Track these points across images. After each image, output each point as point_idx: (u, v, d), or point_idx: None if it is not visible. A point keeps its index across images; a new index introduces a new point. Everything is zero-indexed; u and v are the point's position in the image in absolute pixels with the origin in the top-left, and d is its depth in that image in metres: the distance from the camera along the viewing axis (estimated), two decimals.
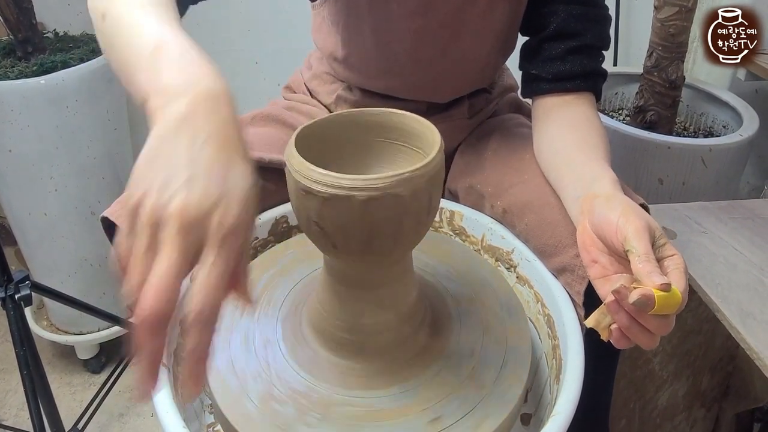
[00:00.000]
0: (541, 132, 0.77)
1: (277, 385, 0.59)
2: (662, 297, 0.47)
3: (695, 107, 1.43)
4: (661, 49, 1.27)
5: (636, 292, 0.46)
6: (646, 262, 0.49)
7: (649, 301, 0.46)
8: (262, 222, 0.79)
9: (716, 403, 1.10)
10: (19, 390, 1.36)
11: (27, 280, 1.03)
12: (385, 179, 0.51)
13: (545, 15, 0.77)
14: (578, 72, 0.76)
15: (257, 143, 0.81)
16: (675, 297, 0.48)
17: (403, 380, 0.59)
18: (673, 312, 0.49)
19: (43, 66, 1.21)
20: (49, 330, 1.48)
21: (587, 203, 0.59)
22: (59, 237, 1.34)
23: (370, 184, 0.50)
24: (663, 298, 0.47)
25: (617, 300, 0.48)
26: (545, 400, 0.68)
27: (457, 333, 0.65)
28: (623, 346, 0.51)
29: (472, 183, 0.82)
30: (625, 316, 0.49)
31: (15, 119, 1.18)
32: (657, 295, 0.46)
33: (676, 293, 0.48)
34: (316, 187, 0.51)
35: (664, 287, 0.47)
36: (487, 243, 0.80)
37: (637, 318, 0.49)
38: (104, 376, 1.47)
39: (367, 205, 0.51)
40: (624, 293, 0.47)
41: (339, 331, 0.61)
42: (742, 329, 0.65)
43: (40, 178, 1.26)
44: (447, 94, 0.87)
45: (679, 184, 1.23)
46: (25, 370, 1.00)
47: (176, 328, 0.67)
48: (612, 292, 0.48)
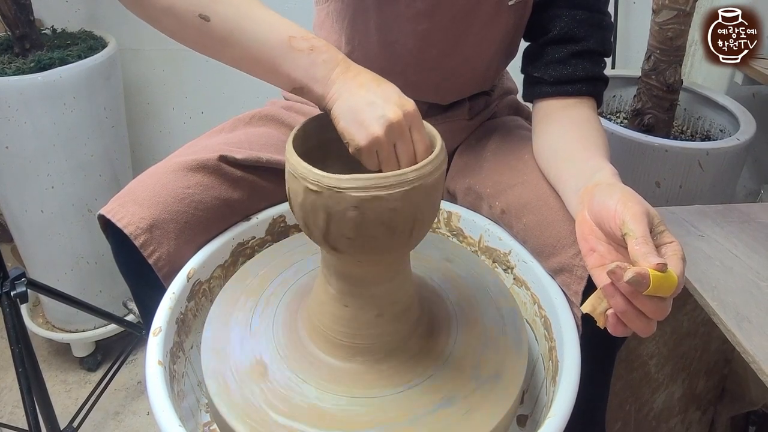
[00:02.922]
0: (541, 133, 0.77)
1: (273, 385, 0.59)
2: (658, 277, 0.46)
3: (693, 111, 1.44)
4: (659, 53, 1.27)
5: (631, 270, 0.46)
6: (643, 244, 0.49)
7: (643, 280, 0.46)
8: (260, 221, 0.79)
9: (711, 406, 1.10)
10: (14, 387, 1.36)
11: (23, 277, 1.02)
12: (386, 179, 0.51)
13: (549, 19, 0.78)
14: (580, 76, 0.76)
15: (255, 143, 0.81)
16: (671, 278, 0.47)
17: (400, 382, 0.59)
18: (668, 295, 0.48)
19: (41, 63, 1.21)
20: (45, 327, 1.48)
21: (587, 193, 0.59)
22: (56, 234, 1.34)
23: (370, 184, 0.51)
24: (658, 279, 0.46)
25: (613, 281, 0.48)
26: (541, 402, 0.68)
27: (453, 334, 0.65)
28: (620, 333, 0.51)
29: (471, 183, 0.82)
30: (621, 299, 0.49)
31: (12, 116, 1.18)
32: (652, 274, 0.46)
33: (672, 275, 0.47)
34: (314, 187, 0.51)
35: (659, 267, 0.47)
36: (484, 244, 0.80)
37: (632, 300, 0.48)
38: (100, 374, 1.47)
39: (368, 205, 0.51)
40: (619, 273, 0.47)
41: (335, 331, 0.61)
42: (737, 332, 0.65)
43: (36, 175, 1.26)
44: (449, 96, 0.87)
45: (676, 188, 1.23)
46: (21, 368, 1.00)
47: (173, 327, 0.67)
48: (607, 272, 0.48)
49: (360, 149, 0.56)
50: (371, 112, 0.56)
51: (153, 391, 0.58)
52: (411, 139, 0.57)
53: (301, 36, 0.61)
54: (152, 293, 0.71)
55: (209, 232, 0.75)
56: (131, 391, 1.44)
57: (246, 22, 0.61)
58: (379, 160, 0.57)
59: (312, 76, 0.60)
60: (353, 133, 0.56)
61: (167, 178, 0.72)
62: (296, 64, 0.60)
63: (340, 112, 0.58)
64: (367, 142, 0.56)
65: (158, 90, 1.71)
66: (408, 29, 0.78)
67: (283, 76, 0.61)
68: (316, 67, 0.60)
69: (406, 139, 0.57)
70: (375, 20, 0.78)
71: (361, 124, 0.56)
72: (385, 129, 0.55)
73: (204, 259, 0.73)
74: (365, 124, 0.56)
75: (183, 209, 0.71)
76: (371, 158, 0.57)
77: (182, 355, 0.68)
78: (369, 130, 0.56)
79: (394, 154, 0.57)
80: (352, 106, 0.57)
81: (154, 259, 0.69)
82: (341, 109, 0.58)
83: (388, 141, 0.56)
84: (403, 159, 0.57)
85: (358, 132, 0.56)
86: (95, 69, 1.26)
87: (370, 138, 0.56)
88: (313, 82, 0.60)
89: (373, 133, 0.55)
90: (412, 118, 0.57)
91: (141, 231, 0.68)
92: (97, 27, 1.46)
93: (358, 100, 0.57)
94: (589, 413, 0.70)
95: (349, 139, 0.57)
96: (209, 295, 0.74)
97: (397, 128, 0.56)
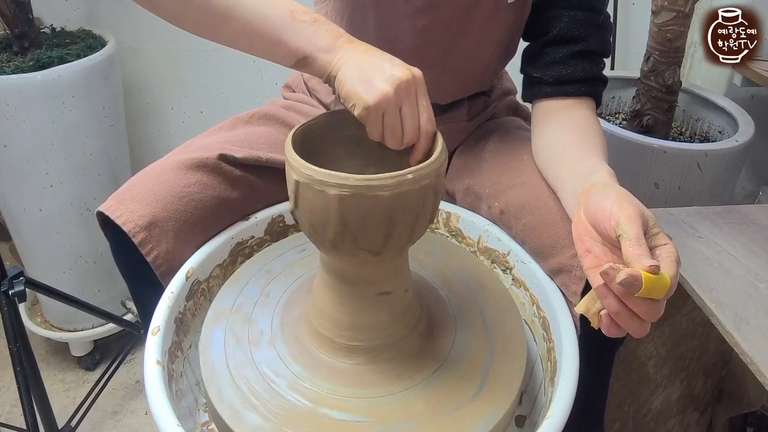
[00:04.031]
0: (540, 133, 0.77)
1: (271, 384, 0.59)
2: (650, 279, 0.46)
3: (691, 112, 1.44)
4: (658, 54, 1.27)
5: (623, 272, 0.46)
6: (637, 246, 0.49)
7: (635, 281, 0.46)
8: (258, 221, 0.79)
9: (710, 407, 1.10)
10: (12, 387, 1.35)
11: (21, 276, 1.02)
12: (387, 179, 0.51)
13: (549, 19, 0.78)
14: (580, 77, 0.77)
15: (255, 142, 0.81)
16: (663, 281, 0.47)
17: (399, 382, 0.59)
18: (661, 297, 0.48)
19: (40, 61, 1.21)
20: (43, 326, 1.48)
21: (584, 194, 0.59)
22: (54, 233, 1.33)
23: (371, 183, 0.51)
24: (651, 280, 0.46)
25: (605, 282, 0.48)
26: (540, 403, 0.68)
27: (452, 335, 0.65)
28: (614, 334, 0.51)
29: (470, 184, 0.82)
30: (614, 299, 0.49)
31: (11, 114, 1.18)
32: (645, 276, 0.46)
33: (664, 277, 0.47)
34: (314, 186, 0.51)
35: (652, 269, 0.47)
36: (483, 245, 0.80)
37: (625, 301, 0.48)
38: (98, 373, 1.47)
39: (368, 205, 0.51)
40: (612, 274, 0.47)
41: (334, 331, 0.61)
42: (736, 334, 0.65)
43: (35, 173, 1.25)
44: (447, 95, 0.87)
45: (675, 189, 1.23)
46: (19, 367, 1.00)
47: (172, 327, 0.67)
48: (600, 273, 0.48)
49: (368, 108, 0.55)
50: (380, 73, 0.57)
51: (151, 391, 0.58)
52: (417, 104, 0.57)
53: (302, 9, 0.62)
54: (151, 292, 0.71)
55: (208, 230, 0.75)
56: (129, 391, 1.44)
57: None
58: (383, 125, 0.57)
59: (316, 44, 0.60)
60: (360, 93, 0.56)
61: (167, 176, 0.72)
62: (299, 34, 0.61)
63: (346, 75, 0.58)
64: (375, 99, 0.55)
65: (157, 89, 1.71)
66: (407, 26, 0.77)
67: (286, 48, 0.61)
68: (319, 36, 0.60)
69: (412, 101, 0.57)
70: (374, 17, 0.78)
71: (369, 83, 0.56)
72: (395, 87, 0.56)
73: (203, 258, 0.73)
74: (373, 82, 0.56)
75: (182, 207, 0.71)
76: (377, 121, 0.56)
77: (181, 354, 0.68)
78: (377, 87, 0.55)
79: (399, 120, 0.57)
80: (359, 68, 0.57)
81: (153, 257, 0.69)
82: (348, 72, 0.58)
83: (397, 100, 0.56)
84: (407, 124, 0.57)
85: (366, 91, 0.56)
86: (94, 68, 1.26)
87: (379, 95, 0.55)
88: (317, 51, 0.60)
89: (382, 89, 0.55)
90: (419, 82, 0.58)
91: (140, 229, 0.68)
92: (97, 26, 1.46)
93: (366, 64, 0.58)
94: (587, 414, 0.70)
95: (356, 99, 0.56)
96: (208, 295, 0.74)
97: (406, 87, 0.56)
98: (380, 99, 0.55)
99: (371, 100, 0.55)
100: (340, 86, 0.58)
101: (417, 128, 0.58)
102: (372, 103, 0.55)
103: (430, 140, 0.59)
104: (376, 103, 0.55)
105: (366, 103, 0.56)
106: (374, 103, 0.55)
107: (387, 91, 0.55)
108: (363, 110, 0.56)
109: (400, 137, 0.58)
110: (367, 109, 0.56)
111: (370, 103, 0.55)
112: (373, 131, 0.57)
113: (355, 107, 0.57)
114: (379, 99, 0.55)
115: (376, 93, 0.55)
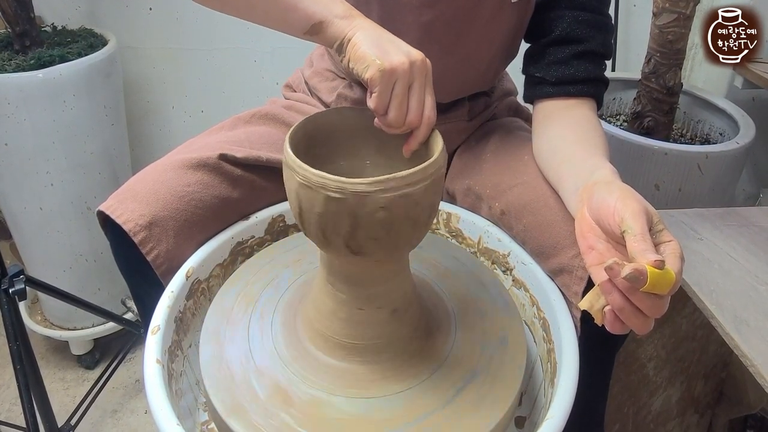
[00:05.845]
0: (541, 133, 0.77)
1: (270, 384, 0.59)
2: (655, 274, 0.46)
3: (692, 114, 1.44)
4: (659, 56, 1.27)
5: (628, 266, 0.46)
6: (642, 241, 0.49)
7: (641, 276, 0.46)
8: (259, 221, 0.79)
9: (709, 409, 1.10)
10: (12, 385, 1.35)
11: (21, 274, 1.02)
12: (387, 181, 0.51)
13: (552, 19, 0.78)
14: (582, 77, 0.77)
15: (256, 142, 0.81)
16: (668, 276, 0.47)
17: (399, 382, 0.59)
18: (666, 292, 0.48)
19: (41, 60, 1.21)
20: (43, 325, 1.48)
21: (587, 191, 0.59)
22: (54, 232, 1.33)
23: (370, 185, 0.50)
24: (656, 275, 0.46)
25: (610, 278, 0.48)
26: (540, 404, 0.68)
27: (453, 335, 0.65)
28: (617, 331, 0.51)
29: (470, 184, 0.82)
30: (618, 295, 0.49)
31: (12, 113, 1.18)
32: (650, 271, 0.46)
33: (669, 272, 0.47)
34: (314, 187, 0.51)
35: (657, 264, 0.47)
36: (483, 245, 0.80)
37: (629, 297, 0.48)
38: (98, 372, 1.47)
39: (369, 206, 0.51)
40: (616, 269, 0.47)
41: (334, 331, 0.61)
42: (736, 336, 0.65)
43: (36, 172, 1.25)
44: (448, 94, 0.87)
45: (675, 191, 1.23)
46: (19, 365, 1.00)
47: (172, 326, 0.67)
48: (605, 268, 0.48)
49: (383, 71, 0.55)
50: (395, 47, 0.58)
51: (151, 390, 0.58)
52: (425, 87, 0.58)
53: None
54: (151, 291, 0.71)
55: (208, 230, 0.75)
56: (129, 390, 1.44)
57: None
58: (391, 96, 0.57)
59: (332, 11, 0.61)
60: (376, 57, 0.56)
61: (167, 175, 0.72)
62: (316, 0, 0.61)
63: (361, 39, 0.58)
64: (391, 65, 0.55)
65: (158, 88, 1.71)
66: (410, 20, 0.77)
67: (303, 13, 0.62)
68: (335, 3, 0.62)
69: (422, 82, 0.58)
70: (377, 11, 0.78)
71: (385, 51, 0.57)
72: (410, 61, 0.56)
73: (203, 257, 0.73)
74: (390, 53, 0.56)
75: (182, 207, 0.71)
76: (387, 87, 0.56)
77: (180, 353, 0.68)
78: (393, 57, 0.56)
79: (407, 96, 0.57)
80: (377, 36, 0.58)
81: (153, 256, 0.69)
82: (364, 37, 0.58)
83: (409, 75, 0.56)
84: (413, 103, 0.57)
85: (381, 56, 0.56)
86: (95, 67, 1.26)
87: (395, 62, 0.56)
88: (333, 17, 0.61)
89: (399, 58, 0.56)
90: (429, 69, 0.59)
91: (140, 228, 0.68)
92: (98, 25, 1.46)
93: (383, 36, 0.59)
94: (587, 415, 0.70)
95: (370, 61, 0.56)
96: (208, 294, 0.74)
97: (418, 67, 0.57)
98: (396, 65, 0.56)
99: (387, 64, 0.55)
100: (353, 49, 0.58)
101: (421, 112, 0.58)
102: (387, 67, 0.55)
103: (429, 129, 0.59)
104: (391, 68, 0.56)
105: (381, 66, 0.56)
106: (390, 68, 0.55)
107: (403, 61, 0.56)
108: (377, 72, 0.56)
109: (404, 114, 0.58)
110: (382, 71, 0.55)
111: (386, 66, 0.55)
112: (380, 99, 0.57)
113: (368, 68, 0.56)
114: (395, 65, 0.56)
115: (392, 59, 0.56)
